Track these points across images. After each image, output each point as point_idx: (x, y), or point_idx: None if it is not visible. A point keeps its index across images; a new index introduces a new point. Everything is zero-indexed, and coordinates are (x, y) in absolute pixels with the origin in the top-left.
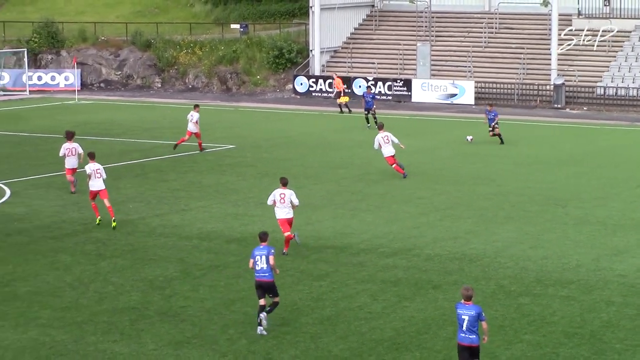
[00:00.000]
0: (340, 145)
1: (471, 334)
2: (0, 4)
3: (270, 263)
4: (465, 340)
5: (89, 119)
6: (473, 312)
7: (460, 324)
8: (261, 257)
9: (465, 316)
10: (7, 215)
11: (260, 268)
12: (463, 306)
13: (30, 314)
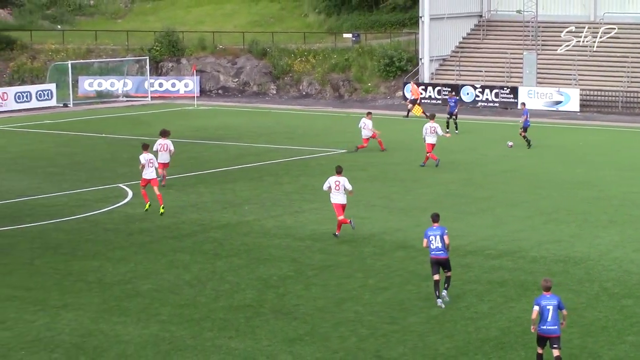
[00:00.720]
0: (446, 149)
1: (554, 325)
2: (124, 14)
3: (445, 242)
4: (546, 332)
5: (207, 124)
6: (555, 301)
7: (545, 316)
8: (435, 237)
9: (549, 306)
10: (129, 215)
11: (436, 247)
12: (545, 297)
13: (151, 311)
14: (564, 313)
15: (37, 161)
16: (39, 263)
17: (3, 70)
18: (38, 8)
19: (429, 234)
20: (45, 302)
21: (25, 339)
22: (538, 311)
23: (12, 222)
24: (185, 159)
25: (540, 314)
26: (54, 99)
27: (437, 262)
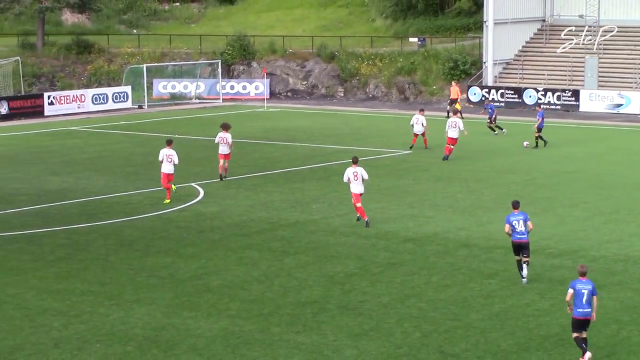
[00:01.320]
0: (508, 151)
1: (588, 307)
2: (198, 18)
3: (528, 226)
4: (582, 314)
5: (276, 126)
6: (590, 286)
7: (580, 299)
8: (519, 222)
9: (584, 290)
10: (201, 214)
11: (519, 230)
12: (580, 281)
13: (221, 306)
14: (595, 301)
15: (113, 161)
16: (113, 259)
17: (81, 73)
18: (115, 13)
19: (512, 219)
20: (119, 296)
21: (100, 332)
22: (572, 294)
23: (88, 219)
24: (255, 159)
25: (575, 297)
26: (130, 100)
27: (519, 246)
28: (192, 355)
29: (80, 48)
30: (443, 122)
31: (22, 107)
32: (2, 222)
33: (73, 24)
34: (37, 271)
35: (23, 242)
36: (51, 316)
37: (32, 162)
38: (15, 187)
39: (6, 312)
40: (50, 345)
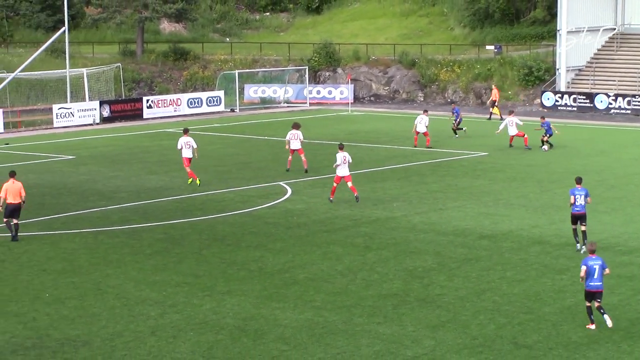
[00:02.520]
0: (580, 153)
1: (599, 281)
2: (286, 27)
3: (587, 201)
4: (594, 287)
5: (360, 128)
6: (600, 261)
7: (592, 274)
8: (580, 196)
9: (596, 265)
10: (289, 210)
11: (580, 204)
12: (591, 259)
13: (306, 297)
14: (608, 271)
15: (207, 160)
16: (206, 253)
17: (177, 79)
18: (209, 22)
19: (575, 192)
20: (212, 288)
21: (193, 321)
22: (585, 270)
23: (183, 215)
24: None
25: (587, 272)
26: (222, 104)
27: (577, 217)
28: (279, 344)
29: (176, 55)
30: (527, 126)
31: (123, 110)
32: (104, 217)
33: (170, 32)
34: (136, 264)
35: (123, 237)
36: (148, 306)
37: (132, 162)
38: (116, 185)
39: (107, 302)
40: (147, 333)
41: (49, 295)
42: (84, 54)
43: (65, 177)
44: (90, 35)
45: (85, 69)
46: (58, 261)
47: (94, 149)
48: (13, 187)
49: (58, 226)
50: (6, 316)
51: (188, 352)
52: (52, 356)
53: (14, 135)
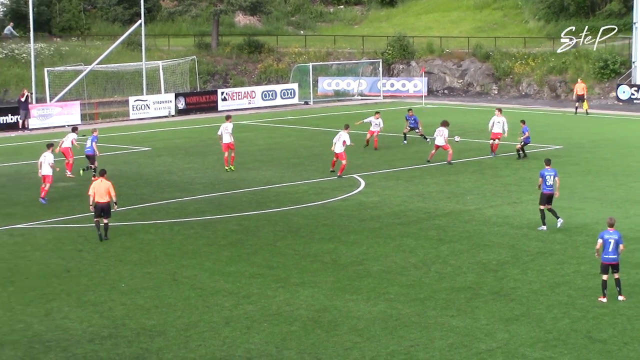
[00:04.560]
0: None
1: (614, 254)
2: (360, 20)
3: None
4: (609, 260)
5: (433, 121)
6: (616, 236)
7: (607, 247)
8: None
9: (611, 239)
10: (362, 203)
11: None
12: (608, 232)
13: (380, 290)
14: (621, 247)
15: (281, 153)
16: (280, 245)
17: (252, 71)
18: (284, 15)
19: (545, 174)
20: (285, 280)
21: (267, 312)
22: (601, 243)
23: (258, 207)
24: (412, 153)
25: (603, 245)
26: (296, 97)
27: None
28: (352, 336)
29: (251, 48)
30: (602, 119)
31: (198, 103)
32: (180, 209)
33: (245, 25)
34: (210, 255)
35: (198, 228)
36: (223, 297)
37: (206, 154)
38: (191, 177)
39: (183, 292)
40: (222, 323)
41: (125, 285)
42: (159, 47)
43: (142, 169)
44: (166, 28)
45: (160, 62)
46: (134, 252)
47: (169, 140)
48: (101, 186)
49: (134, 217)
50: (83, 305)
51: (262, 342)
52: (128, 346)
53: (91, 126)
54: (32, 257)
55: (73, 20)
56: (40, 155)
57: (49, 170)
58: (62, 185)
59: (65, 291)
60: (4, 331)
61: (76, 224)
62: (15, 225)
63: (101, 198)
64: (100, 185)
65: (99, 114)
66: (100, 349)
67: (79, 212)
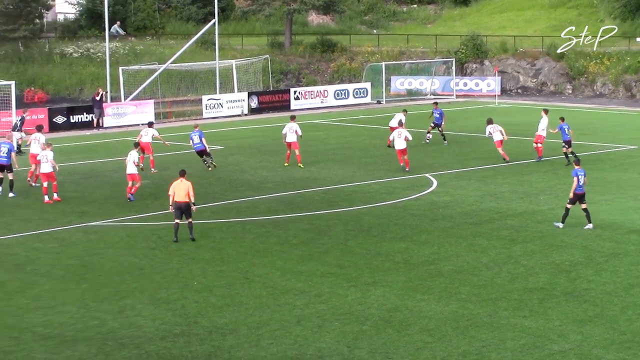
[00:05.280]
0: None
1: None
2: (434, 19)
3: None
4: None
5: (506, 121)
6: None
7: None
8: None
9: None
10: (434, 203)
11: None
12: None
13: (451, 289)
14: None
15: (353, 152)
16: (352, 244)
17: (324, 70)
18: (357, 14)
19: (578, 174)
20: (357, 279)
21: (338, 311)
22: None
23: (329, 206)
24: (485, 152)
25: None
26: (369, 96)
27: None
28: (423, 336)
29: (324, 47)
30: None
31: (271, 102)
32: (252, 207)
33: (318, 24)
34: (282, 253)
35: (270, 227)
36: (294, 295)
37: (279, 152)
38: (263, 175)
39: (254, 291)
40: (293, 322)
41: (198, 283)
42: (233, 46)
43: (215, 167)
44: (239, 27)
45: (234, 61)
46: (207, 250)
47: (242, 139)
48: (181, 186)
49: (207, 215)
50: (156, 303)
51: (333, 342)
52: (200, 343)
53: (165, 125)
54: (106, 255)
55: (147, 19)
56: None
57: (134, 168)
58: (136, 185)
59: (139, 289)
60: (78, 328)
61: (149, 222)
62: (89, 223)
63: (181, 198)
64: (181, 185)
65: (172, 113)
66: (173, 347)
67: (153, 211)
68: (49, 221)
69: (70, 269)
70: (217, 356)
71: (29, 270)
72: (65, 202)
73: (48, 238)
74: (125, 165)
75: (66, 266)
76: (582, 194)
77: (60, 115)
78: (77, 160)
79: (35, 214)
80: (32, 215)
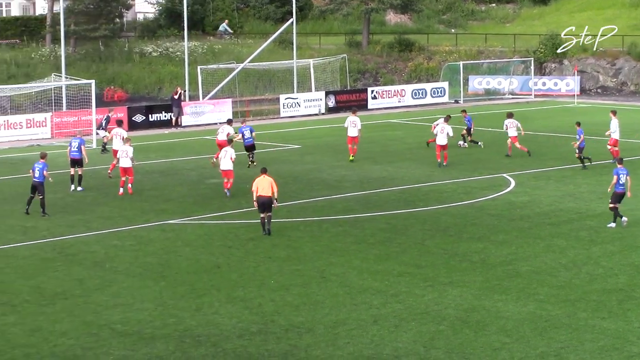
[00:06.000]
0: None
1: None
2: (512, 18)
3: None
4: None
5: (586, 121)
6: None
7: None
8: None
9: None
10: (511, 203)
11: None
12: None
13: (529, 290)
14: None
15: (430, 151)
16: (429, 243)
17: (402, 70)
18: (435, 14)
19: (619, 173)
20: (434, 279)
21: (415, 311)
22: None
23: (406, 206)
24: (564, 152)
25: None
26: (446, 95)
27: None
28: (501, 336)
29: (401, 46)
30: None
31: (348, 101)
32: (329, 206)
33: (396, 23)
34: (359, 253)
35: (347, 226)
36: (371, 295)
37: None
38: (340, 175)
39: (331, 290)
40: (370, 321)
41: (274, 282)
42: (310, 45)
43: (292, 166)
44: (317, 26)
45: (311, 60)
46: (283, 249)
47: (319, 138)
48: (263, 181)
49: (284, 214)
50: (233, 301)
51: (409, 341)
52: (277, 342)
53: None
54: (183, 253)
55: (226, 18)
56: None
57: (230, 164)
58: (214, 182)
59: (215, 287)
60: (156, 325)
61: (227, 220)
62: (167, 221)
63: (264, 193)
64: (263, 181)
65: (250, 112)
66: (250, 345)
67: (230, 209)
68: (127, 219)
69: (148, 266)
70: (293, 355)
71: (108, 267)
72: (144, 200)
73: (127, 236)
74: (219, 162)
75: (144, 264)
76: (622, 193)
77: (139, 113)
78: (156, 159)
79: (114, 212)
80: (111, 213)
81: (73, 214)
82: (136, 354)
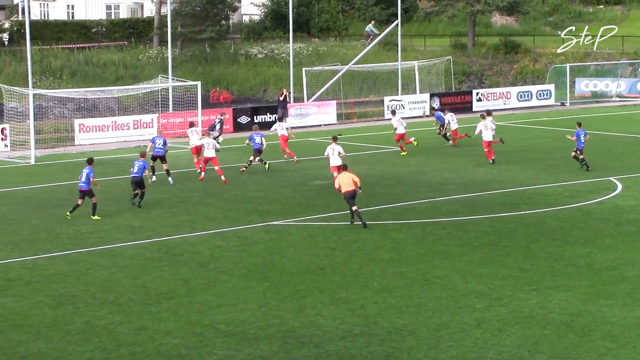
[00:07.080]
0: None
1: None
2: (620, 20)
3: None
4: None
5: None
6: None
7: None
8: None
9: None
10: (618, 207)
11: None
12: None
13: (636, 295)
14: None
15: (535, 154)
16: (533, 247)
17: (507, 72)
18: (541, 15)
19: None
20: (538, 282)
21: (519, 315)
22: None
23: (511, 209)
24: None
25: None
26: (552, 98)
27: None
28: (606, 341)
29: (507, 48)
30: None
31: (452, 103)
32: (432, 209)
33: (502, 25)
34: (462, 255)
35: (450, 228)
36: (474, 298)
37: (459, 154)
38: (444, 177)
39: (434, 292)
40: (473, 325)
41: (378, 284)
42: (415, 47)
43: (396, 168)
44: (422, 28)
45: (416, 62)
46: (386, 251)
47: (423, 141)
48: (345, 177)
49: (387, 216)
50: (336, 303)
51: (513, 345)
52: (380, 344)
53: (347, 126)
54: (287, 254)
55: (331, 20)
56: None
57: (338, 161)
58: (318, 184)
59: (319, 288)
60: (259, 325)
61: (330, 222)
62: (271, 222)
63: (348, 187)
64: (344, 177)
65: (354, 114)
66: (352, 346)
67: (334, 210)
68: (232, 220)
69: (252, 267)
70: (396, 357)
71: (212, 267)
72: (248, 201)
73: (231, 236)
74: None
75: (248, 264)
76: None
77: (245, 115)
78: None
79: (218, 213)
80: (216, 213)
81: (179, 215)
82: (239, 354)
